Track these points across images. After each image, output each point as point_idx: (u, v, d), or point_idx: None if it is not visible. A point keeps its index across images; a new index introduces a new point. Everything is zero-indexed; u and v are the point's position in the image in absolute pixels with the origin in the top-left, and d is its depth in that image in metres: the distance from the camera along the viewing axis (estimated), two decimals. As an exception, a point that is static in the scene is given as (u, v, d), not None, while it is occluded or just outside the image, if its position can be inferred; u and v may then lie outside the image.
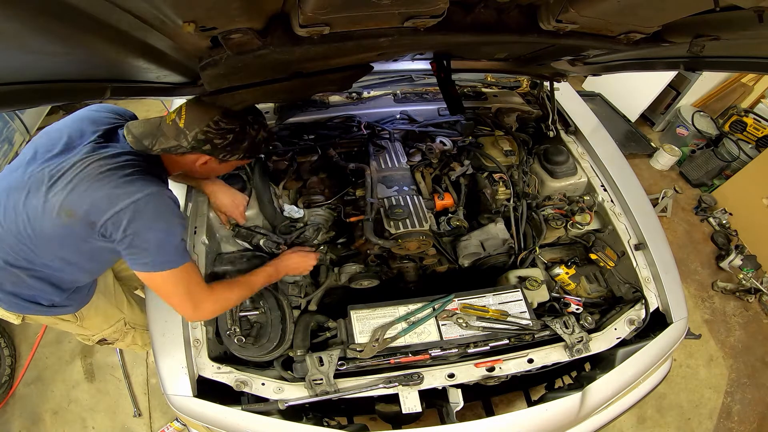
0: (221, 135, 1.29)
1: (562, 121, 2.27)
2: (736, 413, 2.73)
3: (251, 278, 1.51)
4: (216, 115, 1.28)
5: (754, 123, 3.86)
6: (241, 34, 0.82)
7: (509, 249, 1.93)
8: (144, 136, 1.27)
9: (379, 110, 2.26)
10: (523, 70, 2.06)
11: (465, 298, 1.61)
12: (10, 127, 2.99)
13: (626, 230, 1.87)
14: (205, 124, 1.27)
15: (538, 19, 1.01)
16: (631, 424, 2.57)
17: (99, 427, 2.39)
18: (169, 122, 1.28)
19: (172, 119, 1.28)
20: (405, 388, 1.43)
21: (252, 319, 1.56)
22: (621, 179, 1.98)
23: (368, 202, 1.74)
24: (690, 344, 2.95)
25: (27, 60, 0.76)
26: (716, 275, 3.43)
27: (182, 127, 1.26)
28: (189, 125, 1.26)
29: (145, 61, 0.95)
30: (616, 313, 1.70)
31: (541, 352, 1.55)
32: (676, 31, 1.05)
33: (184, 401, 1.38)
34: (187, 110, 1.28)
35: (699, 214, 3.85)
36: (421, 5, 0.80)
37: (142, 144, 1.27)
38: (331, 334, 1.58)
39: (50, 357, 2.60)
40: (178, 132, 1.27)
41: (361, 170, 1.90)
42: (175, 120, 1.27)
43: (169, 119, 1.29)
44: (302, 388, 1.42)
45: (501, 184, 1.94)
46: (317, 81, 1.40)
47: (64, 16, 0.63)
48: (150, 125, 1.30)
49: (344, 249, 1.95)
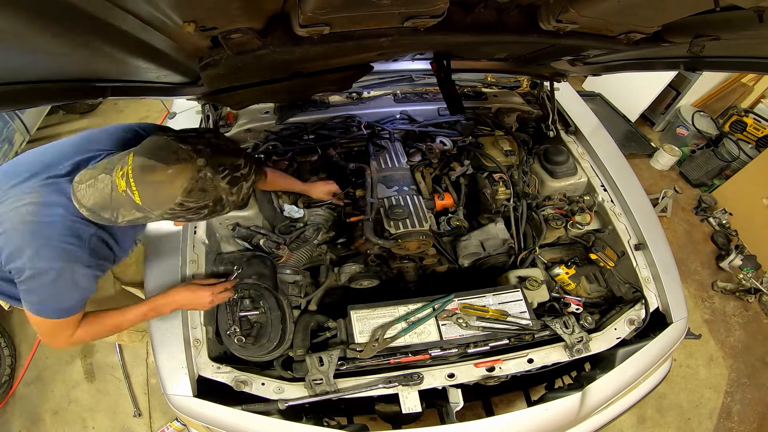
0: (193, 212, 1.04)
1: (562, 121, 2.27)
2: (736, 413, 2.72)
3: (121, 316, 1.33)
4: (178, 197, 0.99)
5: (754, 123, 3.86)
6: (241, 34, 0.82)
7: (509, 249, 1.93)
8: (100, 208, 1.05)
9: (379, 110, 2.26)
10: (523, 70, 2.06)
11: (465, 298, 1.61)
12: (10, 127, 2.99)
13: (626, 230, 1.87)
14: (168, 208, 1.01)
15: (538, 19, 1.01)
16: (631, 424, 2.57)
17: (99, 427, 2.39)
18: (121, 192, 1.01)
19: (124, 190, 1.00)
20: (405, 388, 1.43)
21: (252, 319, 1.56)
22: (621, 179, 1.98)
23: (368, 202, 1.74)
24: (690, 344, 2.95)
25: (27, 60, 0.76)
26: (716, 275, 3.43)
27: (140, 204, 1.00)
28: (149, 205, 1.01)
29: (145, 61, 0.95)
30: (616, 313, 1.70)
31: (541, 352, 1.55)
32: (676, 31, 1.05)
33: (184, 401, 1.38)
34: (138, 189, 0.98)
35: (699, 214, 3.85)
36: (421, 5, 0.80)
37: (103, 217, 1.06)
38: (331, 334, 1.58)
39: (50, 357, 2.59)
40: (137, 206, 1.01)
41: (361, 170, 1.91)
42: (128, 192, 0.99)
43: (120, 188, 1.01)
44: (302, 388, 1.42)
45: (501, 184, 1.94)
46: (317, 81, 1.40)
47: (64, 16, 0.63)
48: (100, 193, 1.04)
49: (344, 249, 1.96)
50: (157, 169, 0.98)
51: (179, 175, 0.98)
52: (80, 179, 1.09)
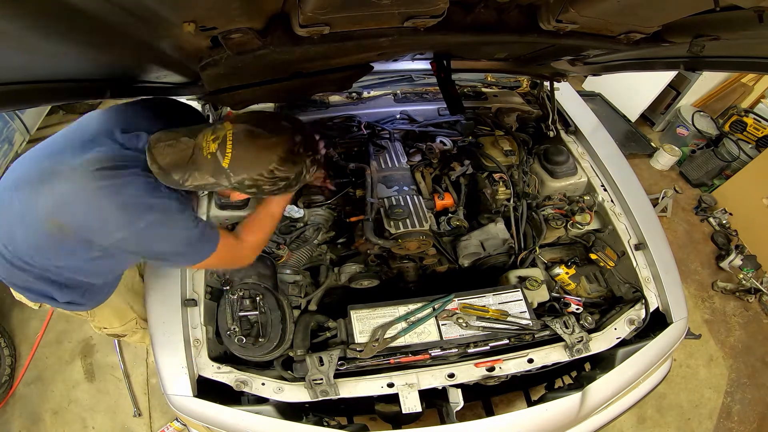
0: (272, 182, 1.10)
1: (562, 121, 2.27)
2: (736, 413, 2.72)
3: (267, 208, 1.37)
4: (273, 163, 1.06)
5: (754, 123, 3.86)
6: (241, 34, 0.82)
7: (509, 249, 1.93)
8: (173, 168, 1.07)
9: (379, 110, 2.26)
10: (523, 70, 2.06)
11: (465, 298, 1.61)
12: (10, 127, 2.99)
13: (626, 230, 1.87)
14: (257, 173, 1.07)
15: (538, 19, 1.01)
16: (631, 424, 2.57)
17: (99, 426, 2.39)
18: (206, 155, 1.05)
19: (210, 152, 1.05)
20: (405, 388, 1.43)
21: (252, 319, 1.56)
22: (621, 179, 1.98)
23: (368, 202, 1.74)
24: (690, 344, 2.95)
25: (27, 60, 0.76)
26: (716, 275, 3.43)
27: (225, 167, 1.05)
28: (235, 169, 1.05)
29: (145, 61, 0.95)
30: (616, 313, 1.69)
31: (541, 352, 1.55)
32: (676, 31, 1.05)
33: (184, 401, 1.38)
34: (234, 150, 1.04)
35: (699, 214, 3.85)
36: (421, 5, 0.80)
37: (171, 178, 1.08)
38: (331, 334, 1.58)
39: (50, 357, 2.59)
40: (219, 170, 1.06)
41: (361, 170, 1.90)
42: (215, 155, 1.04)
43: (206, 151, 1.05)
44: (302, 388, 1.42)
45: (501, 184, 1.94)
46: (317, 81, 1.40)
47: (64, 16, 0.63)
48: (180, 153, 1.07)
49: (344, 249, 1.95)
50: (262, 136, 1.06)
51: (279, 144, 1.07)
52: (158, 138, 1.11)
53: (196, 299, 1.53)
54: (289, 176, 1.11)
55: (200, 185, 1.10)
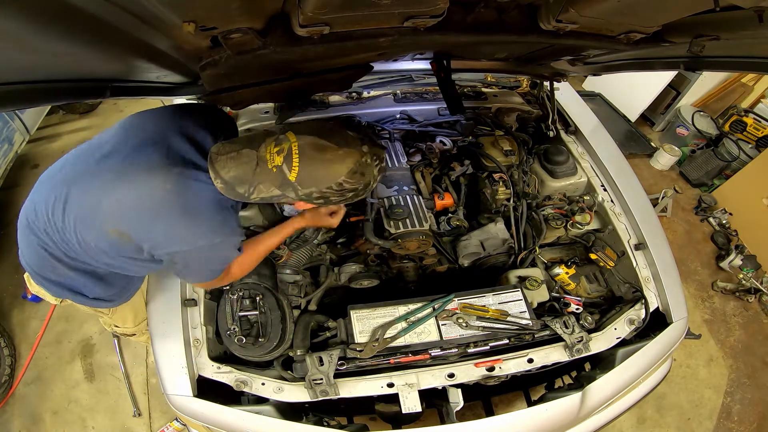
0: (341, 194, 1.09)
1: (562, 121, 2.27)
2: (736, 413, 2.72)
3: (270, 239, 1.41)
4: (342, 176, 1.04)
5: (754, 123, 3.86)
6: (241, 34, 0.82)
7: (509, 249, 1.93)
8: (238, 182, 1.05)
9: (379, 110, 2.26)
10: (523, 70, 2.06)
11: (465, 297, 1.61)
12: (10, 127, 2.99)
13: (626, 230, 1.87)
14: (325, 186, 1.05)
15: (538, 19, 1.01)
16: (631, 424, 2.57)
17: (99, 426, 2.39)
18: (271, 167, 1.03)
19: (276, 165, 1.02)
20: (405, 388, 1.43)
21: (252, 319, 1.56)
22: (621, 179, 1.98)
23: (368, 202, 1.73)
24: (690, 344, 2.95)
25: (27, 60, 0.76)
26: (716, 275, 3.43)
27: (292, 181, 1.03)
28: (303, 182, 1.03)
29: (145, 61, 0.95)
30: (616, 313, 1.70)
31: (541, 352, 1.55)
32: (676, 31, 1.05)
33: (184, 401, 1.38)
34: (302, 161, 1.01)
35: (699, 214, 3.85)
36: (421, 5, 0.80)
37: (236, 192, 1.06)
38: (331, 334, 1.58)
39: (50, 357, 2.59)
40: (285, 183, 1.03)
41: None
42: (281, 168, 1.02)
43: (271, 163, 1.03)
44: (302, 387, 1.42)
45: (501, 183, 1.94)
46: (317, 81, 1.40)
47: (64, 16, 0.63)
48: (243, 167, 1.04)
49: (344, 249, 1.95)
50: (329, 149, 1.03)
51: (348, 157, 1.04)
52: (219, 150, 1.09)
53: (196, 299, 1.53)
54: (357, 188, 1.10)
55: (266, 197, 1.07)
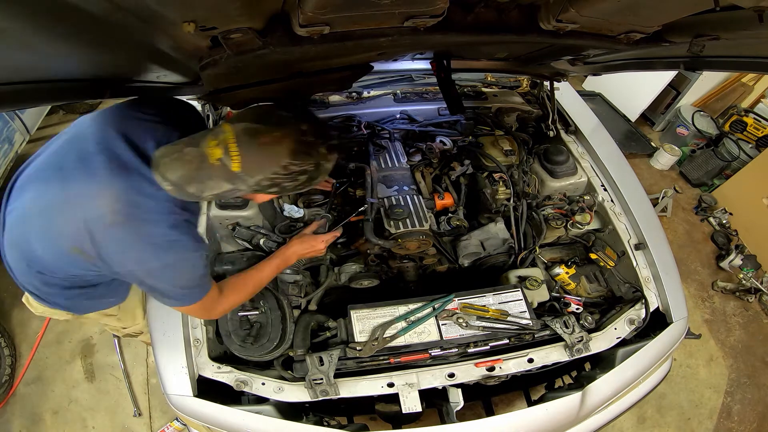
0: (291, 178, 1.05)
1: (562, 120, 2.27)
2: (736, 413, 2.72)
3: (259, 275, 1.43)
4: (285, 158, 1.00)
5: (754, 123, 3.86)
6: (241, 33, 0.82)
7: (509, 249, 1.92)
8: (186, 181, 1.02)
9: (379, 110, 2.26)
10: (523, 70, 2.06)
11: (465, 297, 1.61)
12: (10, 127, 2.99)
13: (626, 230, 1.87)
14: (271, 172, 1.01)
15: (538, 18, 1.01)
16: (631, 424, 2.57)
17: (99, 426, 2.39)
18: (213, 162, 1.00)
19: (217, 158, 0.99)
20: (405, 388, 1.43)
21: (252, 319, 1.56)
22: (621, 179, 1.98)
23: (368, 202, 1.74)
24: (690, 344, 2.95)
25: (27, 60, 0.76)
26: (716, 275, 3.43)
27: (237, 172, 1.00)
28: (248, 171, 1.00)
29: (145, 61, 0.95)
30: (616, 312, 1.70)
31: (541, 352, 1.55)
32: (676, 30, 1.05)
33: (184, 401, 1.38)
34: (241, 150, 0.98)
35: (699, 214, 3.85)
36: (421, 5, 0.80)
37: (187, 192, 1.03)
38: (331, 334, 1.58)
39: (50, 357, 2.60)
40: (231, 175, 1.01)
41: (361, 170, 1.90)
42: (222, 161, 0.99)
43: (212, 158, 1.00)
44: (302, 387, 1.42)
45: (501, 183, 1.94)
46: (317, 81, 1.40)
47: (64, 16, 0.63)
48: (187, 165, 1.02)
49: (344, 249, 1.95)
50: (264, 131, 1.00)
51: (286, 137, 1.00)
52: (162, 154, 1.06)
53: (196, 299, 1.53)
54: (306, 168, 1.05)
55: (219, 194, 1.05)
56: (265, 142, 1.00)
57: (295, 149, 1.01)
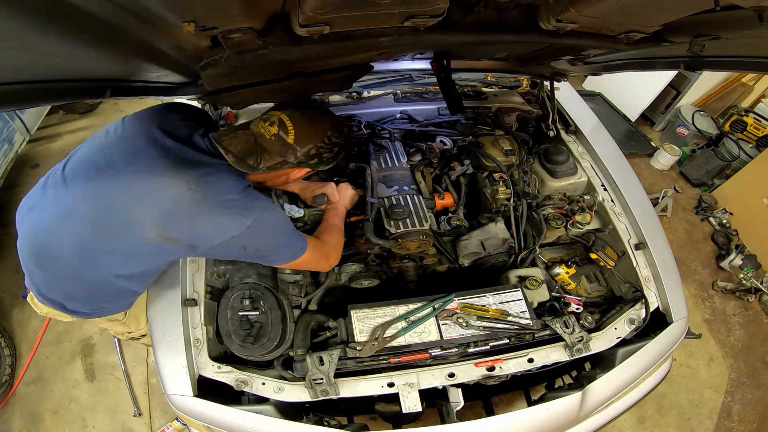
0: (330, 149, 1.28)
1: (562, 120, 2.27)
2: (736, 413, 2.72)
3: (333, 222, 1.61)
4: (329, 130, 1.26)
5: (754, 122, 3.86)
6: (241, 33, 0.82)
7: (509, 248, 1.92)
8: (246, 155, 1.19)
9: (379, 110, 2.26)
10: (523, 70, 2.06)
11: (465, 297, 1.61)
12: (10, 127, 2.99)
13: (626, 230, 1.87)
14: (319, 140, 1.24)
15: (538, 18, 1.01)
16: (631, 424, 2.57)
17: (99, 426, 2.39)
18: (269, 137, 1.20)
19: (273, 134, 1.21)
20: (405, 388, 1.43)
21: (252, 318, 1.56)
22: (621, 179, 1.98)
23: (368, 202, 1.73)
24: (690, 344, 2.95)
25: (27, 60, 0.76)
26: (716, 275, 3.43)
27: (291, 143, 1.21)
28: (300, 141, 1.21)
29: (145, 61, 0.95)
30: (616, 312, 1.70)
31: (541, 352, 1.55)
32: (676, 30, 1.05)
33: (185, 401, 1.38)
34: (295, 125, 1.21)
35: (699, 214, 3.85)
36: (421, 5, 0.80)
37: (245, 163, 1.19)
38: (331, 334, 1.58)
39: (50, 357, 2.60)
40: (285, 147, 1.21)
41: (361, 170, 1.90)
42: (279, 135, 1.20)
43: (268, 133, 1.21)
44: (302, 387, 1.42)
45: (501, 183, 1.94)
46: (317, 81, 1.40)
47: (64, 16, 0.63)
48: (246, 141, 1.21)
49: (344, 249, 1.95)
50: (311, 112, 1.28)
51: (326, 115, 1.31)
52: (219, 134, 1.22)
53: (196, 299, 1.53)
54: (341, 141, 1.31)
55: (271, 165, 1.22)
56: (315, 119, 1.26)
57: (335, 123, 1.30)
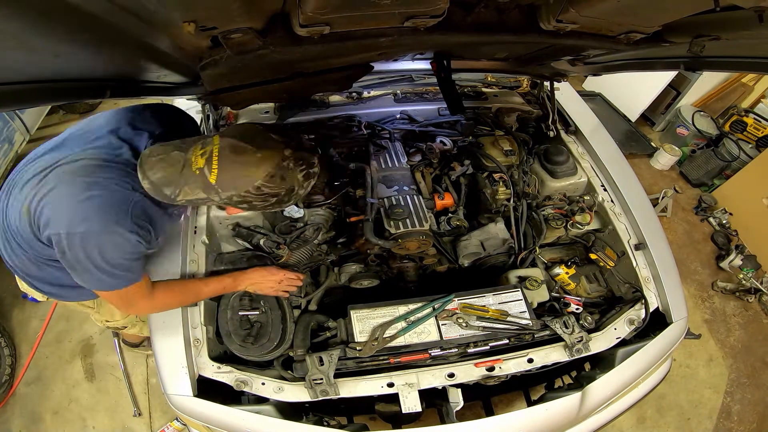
0: (262, 198, 1.09)
1: (562, 120, 2.27)
2: (736, 413, 2.72)
3: (201, 287, 1.43)
4: (259, 179, 1.04)
5: (754, 123, 3.86)
6: (241, 33, 0.82)
7: (509, 249, 1.92)
8: (164, 184, 1.05)
9: (379, 110, 2.26)
10: (523, 70, 2.06)
11: (465, 297, 1.61)
12: (10, 127, 2.99)
13: (626, 230, 1.87)
14: (244, 190, 1.05)
15: (538, 19, 1.01)
16: (630, 424, 2.57)
17: (99, 426, 2.39)
18: (194, 170, 1.04)
19: (198, 167, 1.04)
20: (405, 388, 1.43)
21: (252, 318, 1.56)
22: (621, 179, 1.98)
23: (368, 202, 1.74)
24: (690, 344, 2.95)
25: (27, 60, 0.76)
26: (716, 275, 3.43)
27: (213, 183, 1.04)
28: (222, 185, 1.04)
29: (145, 61, 0.95)
30: (616, 312, 1.70)
31: (541, 352, 1.55)
32: (676, 31, 1.05)
33: (184, 401, 1.38)
34: (221, 164, 1.03)
35: (699, 214, 3.85)
36: (421, 5, 0.80)
37: (163, 193, 1.06)
38: (331, 334, 1.58)
39: (50, 357, 2.60)
40: (207, 186, 1.04)
41: (361, 170, 1.90)
42: (203, 171, 1.03)
43: (195, 165, 1.04)
44: (302, 387, 1.42)
45: (501, 183, 1.94)
46: (318, 81, 1.40)
47: (64, 16, 0.63)
48: (170, 169, 1.06)
49: (344, 249, 1.95)
50: (248, 151, 1.04)
51: (266, 160, 1.05)
52: (150, 153, 1.10)
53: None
54: (279, 192, 1.09)
55: (192, 200, 1.08)
56: (244, 162, 1.04)
57: (271, 173, 1.05)
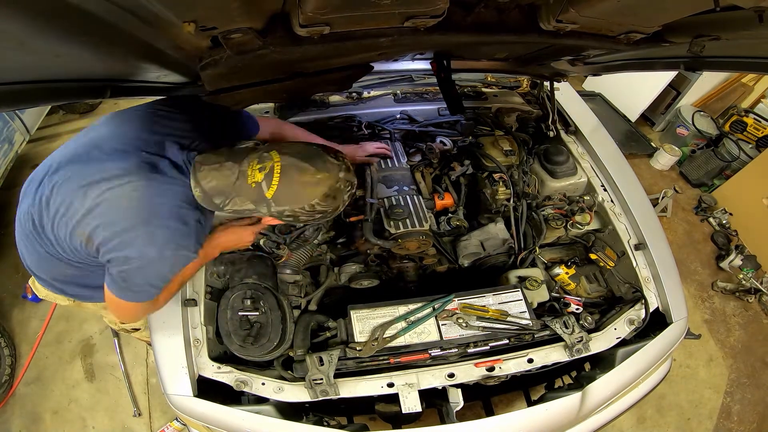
0: (310, 215, 1.13)
1: (562, 121, 2.27)
2: (736, 413, 2.72)
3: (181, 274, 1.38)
4: (316, 198, 1.09)
5: (754, 123, 3.86)
6: (241, 33, 0.82)
7: (509, 249, 1.93)
8: (216, 193, 1.10)
9: (379, 110, 2.26)
10: (523, 70, 2.06)
11: (465, 298, 1.61)
12: (10, 127, 2.99)
13: (626, 230, 1.87)
14: (299, 206, 1.10)
15: (538, 19, 1.01)
16: (630, 424, 2.57)
17: (99, 426, 2.39)
18: (250, 183, 1.08)
19: (255, 181, 1.07)
20: (405, 388, 1.43)
21: (252, 319, 1.56)
22: (621, 179, 1.98)
23: (368, 202, 1.73)
24: (690, 344, 2.95)
25: (27, 60, 0.76)
26: (716, 275, 3.43)
27: (268, 198, 1.08)
28: (279, 201, 1.08)
29: (145, 61, 0.95)
30: (616, 313, 1.70)
31: (541, 352, 1.55)
32: (676, 31, 1.05)
33: (184, 401, 1.38)
34: (281, 183, 1.07)
35: (699, 214, 3.85)
36: (421, 5, 0.80)
37: (212, 202, 1.11)
38: (331, 334, 1.58)
39: (50, 357, 2.60)
40: (261, 199, 1.08)
41: (361, 170, 1.90)
42: (260, 185, 1.07)
43: (251, 179, 1.08)
44: (302, 387, 1.42)
45: (501, 184, 1.94)
46: (318, 81, 1.40)
47: (64, 16, 0.63)
48: (224, 179, 1.10)
49: (344, 249, 1.95)
50: (308, 171, 1.08)
51: (324, 182, 1.10)
52: (203, 161, 1.14)
53: (196, 299, 1.53)
54: (327, 210, 1.14)
55: (238, 210, 1.12)
56: (304, 182, 1.08)
57: (327, 193, 1.10)
